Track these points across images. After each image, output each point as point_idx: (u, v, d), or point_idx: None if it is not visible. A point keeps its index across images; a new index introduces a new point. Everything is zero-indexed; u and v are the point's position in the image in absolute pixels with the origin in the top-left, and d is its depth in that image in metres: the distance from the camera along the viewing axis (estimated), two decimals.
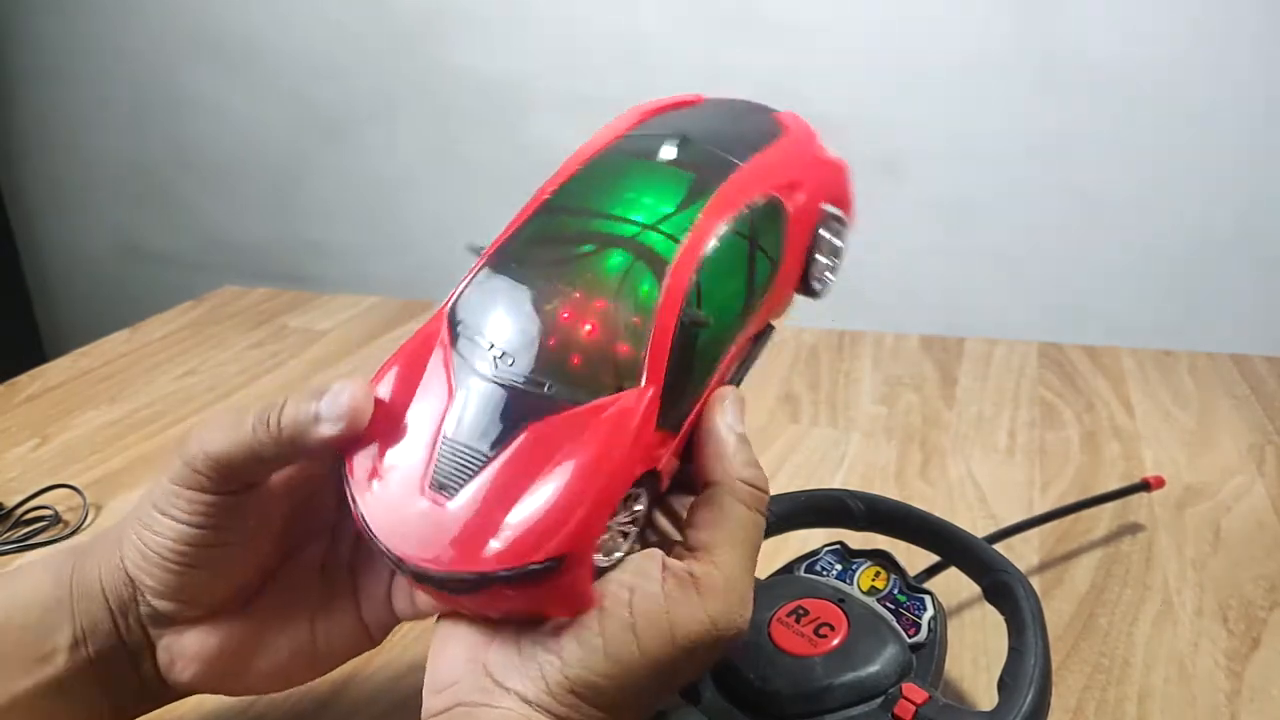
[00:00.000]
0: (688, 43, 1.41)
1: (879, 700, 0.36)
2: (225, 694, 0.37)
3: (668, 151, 0.35)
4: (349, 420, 0.31)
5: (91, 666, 0.34)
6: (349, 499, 0.31)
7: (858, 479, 0.66)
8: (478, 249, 0.34)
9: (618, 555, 0.31)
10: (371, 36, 1.59)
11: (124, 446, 0.73)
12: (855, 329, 0.91)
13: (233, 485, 0.32)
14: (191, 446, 0.32)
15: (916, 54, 1.31)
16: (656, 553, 0.31)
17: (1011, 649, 0.38)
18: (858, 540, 0.45)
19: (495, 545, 0.28)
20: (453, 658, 0.31)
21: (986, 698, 0.43)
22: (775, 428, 0.73)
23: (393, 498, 0.30)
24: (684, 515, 0.33)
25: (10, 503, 0.63)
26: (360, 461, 0.31)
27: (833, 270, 0.39)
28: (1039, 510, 0.60)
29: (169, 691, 0.36)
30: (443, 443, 0.30)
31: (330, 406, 0.31)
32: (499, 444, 0.29)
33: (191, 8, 1.69)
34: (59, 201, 2.00)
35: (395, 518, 0.30)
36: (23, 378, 0.86)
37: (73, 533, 0.61)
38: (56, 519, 0.62)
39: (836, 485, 0.65)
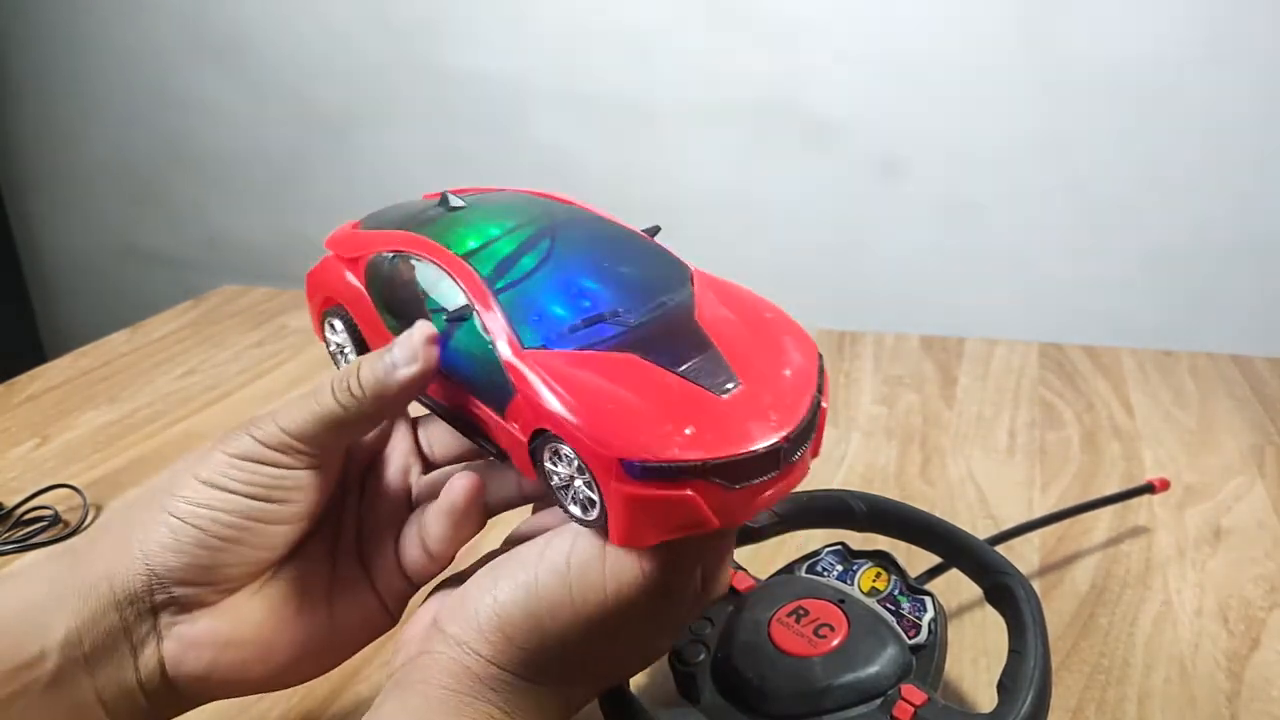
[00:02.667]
0: (688, 43, 1.41)
1: (878, 701, 0.36)
2: (237, 690, 0.36)
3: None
4: (424, 359, 0.33)
5: (86, 667, 0.33)
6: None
7: (858, 479, 0.66)
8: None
9: None
10: (371, 37, 1.59)
11: (124, 446, 0.73)
12: (855, 329, 0.91)
13: (302, 460, 0.34)
14: (263, 423, 0.34)
15: (916, 54, 1.31)
16: None
17: (1012, 651, 0.38)
18: (859, 541, 0.45)
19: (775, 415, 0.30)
20: (416, 621, 0.33)
21: (986, 699, 0.43)
22: None
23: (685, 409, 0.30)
24: None
25: (10, 503, 0.63)
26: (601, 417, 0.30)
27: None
28: (1039, 510, 0.60)
29: (171, 695, 0.35)
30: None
31: (403, 351, 0.33)
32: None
33: (192, 8, 1.69)
34: (59, 201, 2.00)
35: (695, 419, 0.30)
36: (23, 378, 0.86)
37: (72, 533, 0.61)
38: (56, 519, 0.62)
39: (836, 485, 0.65)
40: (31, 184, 2.00)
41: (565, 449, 0.30)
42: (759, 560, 0.53)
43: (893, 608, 0.40)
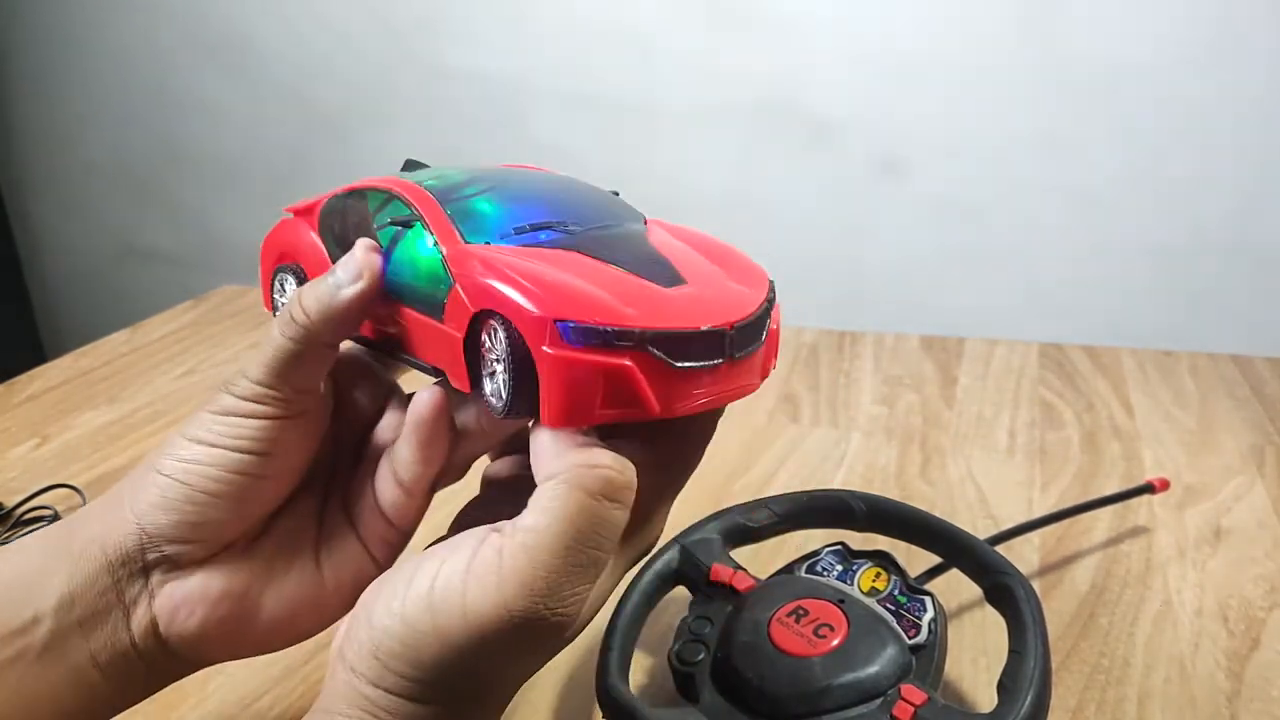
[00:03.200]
0: (688, 42, 1.41)
1: (878, 701, 0.36)
2: (231, 651, 0.37)
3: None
4: (367, 273, 0.33)
5: (80, 630, 0.33)
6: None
7: (858, 479, 0.66)
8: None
9: None
10: (371, 36, 1.59)
11: (124, 446, 0.73)
12: (855, 329, 0.91)
13: (279, 407, 0.34)
14: (234, 377, 0.34)
15: (917, 54, 1.31)
16: (479, 530, 0.31)
17: (1011, 651, 0.38)
18: (859, 541, 0.45)
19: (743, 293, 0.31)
20: (334, 641, 0.33)
21: (986, 699, 0.43)
22: (775, 428, 0.73)
23: (643, 297, 0.30)
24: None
25: (10, 503, 0.63)
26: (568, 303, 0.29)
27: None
28: (1039, 510, 0.60)
29: (165, 655, 0.35)
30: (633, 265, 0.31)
31: (345, 269, 0.33)
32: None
33: (191, 8, 1.69)
34: (59, 201, 2.00)
35: (662, 308, 0.30)
36: (23, 378, 0.86)
37: None
38: (56, 519, 0.62)
39: (836, 485, 0.65)
40: (31, 184, 2.00)
41: (498, 328, 0.29)
42: (759, 560, 0.53)
43: (893, 608, 0.40)
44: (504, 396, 0.30)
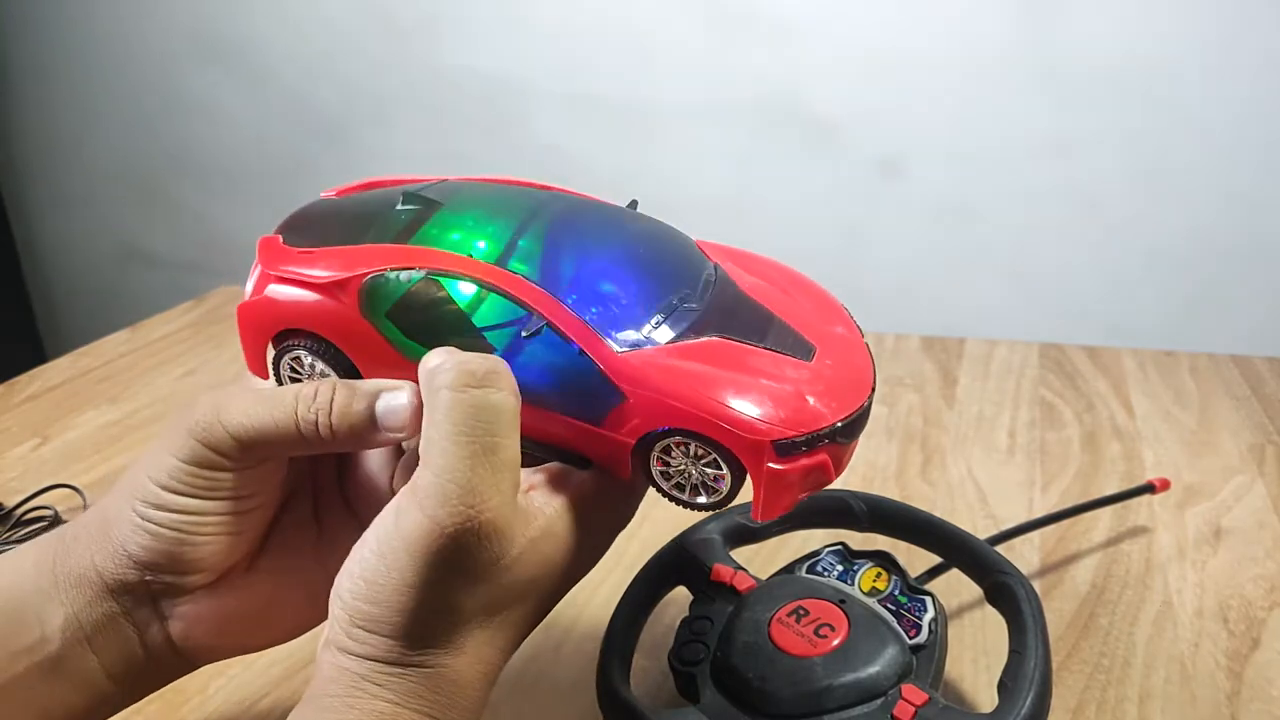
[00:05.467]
0: (688, 42, 1.41)
1: (879, 701, 0.36)
2: (247, 650, 0.37)
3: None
4: (410, 429, 0.31)
5: (90, 646, 0.33)
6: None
7: (858, 479, 0.66)
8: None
9: None
10: (370, 37, 1.59)
11: (124, 446, 0.73)
12: None
13: (253, 461, 0.33)
14: (207, 423, 0.32)
15: (916, 54, 1.31)
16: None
17: (1012, 651, 0.38)
18: (859, 541, 0.45)
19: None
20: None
21: (986, 699, 0.43)
22: None
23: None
24: None
25: (10, 503, 0.63)
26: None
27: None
28: (1039, 510, 0.60)
29: (180, 660, 0.35)
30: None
31: (391, 418, 0.31)
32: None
33: (191, 9, 1.69)
34: (59, 202, 2.00)
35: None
36: (23, 378, 0.86)
37: None
38: (56, 519, 0.62)
39: (837, 485, 0.64)
40: (32, 185, 2.00)
41: (692, 443, 0.30)
42: (759, 560, 0.53)
43: (893, 608, 0.40)
44: (717, 495, 0.32)
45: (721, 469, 0.31)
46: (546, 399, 0.32)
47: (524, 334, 0.31)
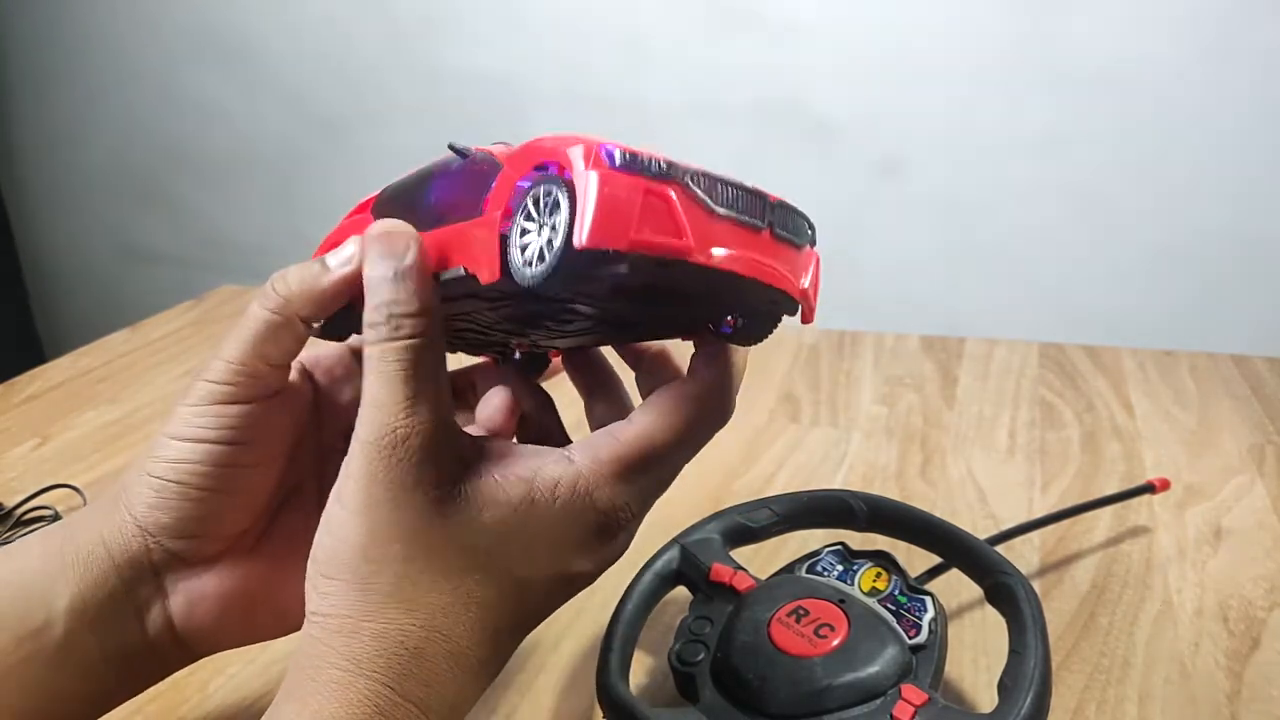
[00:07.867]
0: (688, 42, 1.41)
1: (878, 701, 0.36)
2: (243, 641, 0.37)
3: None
4: (354, 262, 0.33)
5: (93, 631, 0.34)
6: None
7: (858, 479, 0.66)
8: (461, 149, 0.36)
9: None
10: (370, 36, 1.59)
11: (124, 446, 0.73)
12: (855, 329, 0.91)
13: (257, 387, 0.34)
14: (207, 364, 0.34)
15: (916, 54, 1.31)
16: None
17: (1012, 651, 0.38)
18: (859, 541, 0.45)
19: None
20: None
21: (986, 699, 0.43)
22: (775, 428, 0.73)
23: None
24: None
25: (10, 503, 0.63)
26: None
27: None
28: (1039, 510, 0.60)
29: (179, 649, 0.36)
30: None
31: (335, 258, 0.34)
32: None
33: (190, 8, 1.69)
34: (59, 202, 2.00)
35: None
36: (23, 378, 0.86)
37: None
38: (56, 519, 0.62)
39: (837, 485, 0.65)
40: (32, 184, 2.00)
41: (543, 182, 0.29)
42: (759, 560, 0.53)
43: (893, 608, 0.40)
44: (557, 237, 0.28)
45: (560, 204, 0.28)
46: (444, 208, 0.34)
47: (449, 145, 0.36)
